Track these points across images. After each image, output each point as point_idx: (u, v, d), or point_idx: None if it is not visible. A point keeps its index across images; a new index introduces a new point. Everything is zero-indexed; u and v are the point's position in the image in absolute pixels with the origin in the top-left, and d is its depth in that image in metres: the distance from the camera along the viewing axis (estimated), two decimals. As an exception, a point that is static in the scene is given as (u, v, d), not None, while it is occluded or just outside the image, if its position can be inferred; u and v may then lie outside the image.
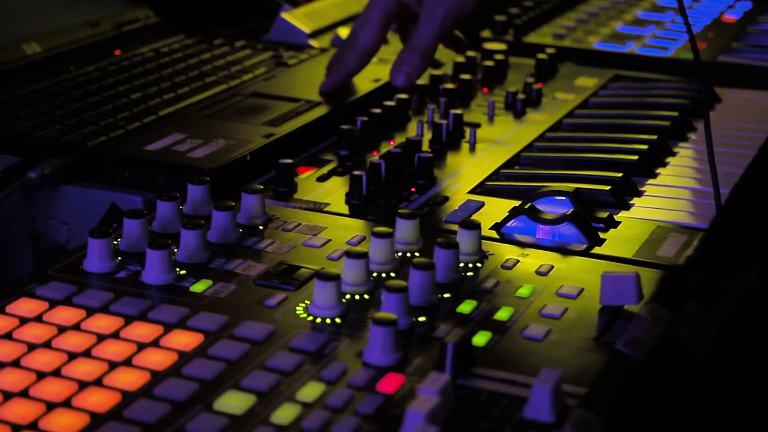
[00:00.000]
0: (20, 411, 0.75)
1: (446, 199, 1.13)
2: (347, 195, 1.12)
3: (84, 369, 0.80)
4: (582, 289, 0.94)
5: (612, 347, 0.86)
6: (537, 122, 1.37)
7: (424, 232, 1.01)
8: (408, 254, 0.99)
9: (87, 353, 0.82)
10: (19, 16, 1.45)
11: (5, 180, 1.13)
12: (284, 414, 0.75)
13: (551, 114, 1.40)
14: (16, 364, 0.80)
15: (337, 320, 0.87)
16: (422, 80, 1.45)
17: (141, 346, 0.83)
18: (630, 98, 1.47)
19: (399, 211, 1.02)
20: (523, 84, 1.48)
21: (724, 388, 1.07)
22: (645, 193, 1.16)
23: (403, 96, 1.36)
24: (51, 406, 0.75)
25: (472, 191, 1.16)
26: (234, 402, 0.76)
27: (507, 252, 1.01)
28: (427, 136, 1.30)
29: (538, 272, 0.97)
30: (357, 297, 0.91)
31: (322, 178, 1.17)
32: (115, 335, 0.84)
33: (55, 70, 1.39)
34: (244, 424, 0.74)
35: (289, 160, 1.15)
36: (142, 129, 1.22)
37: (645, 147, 1.26)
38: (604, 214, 1.08)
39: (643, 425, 0.84)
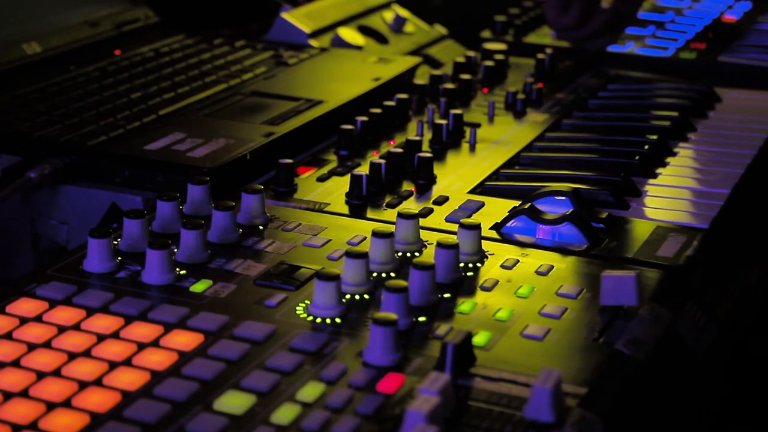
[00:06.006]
0: (20, 411, 0.74)
1: (446, 199, 1.13)
2: (347, 195, 1.12)
3: (84, 369, 0.80)
4: (582, 289, 0.94)
5: (612, 347, 0.86)
6: (537, 122, 1.37)
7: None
8: (408, 254, 0.99)
9: (87, 353, 0.82)
10: (19, 16, 1.45)
11: (5, 180, 1.13)
12: (284, 414, 0.75)
13: (551, 114, 1.40)
14: (16, 364, 0.80)
15: (337, 320, 0.87)
16: (422, 80, 1.45)
17: (141, 346, 0.83)
18: (630, 99, 1.47)
19: (399, 211, 1.02)
20: (523, 84, 1.48)
21: (723, 388, 1.07)
22: (645, 194, 1.16)
23: (403, 96, 1.36)
24: (51, 406, 0.75)
25: (472, 191, 1.16)
26: (234, 402, 0.76)
27: (507, 252, 1.01)
28: (427, 136, 1.30)
29: (538, 272, 0.97)
30: (357, 297, 0.91)
31: (322, 178, 1.17)
32: (115, 335, 0.84)
33: (55, 70, 1.39)
34: (244, 424, 0.74)
35: (290, 160, 1.15)
36: (142, 129, 1.22)
37: (645, 147, 1.26)
38: (604, 214, 1.08)
39: (643, 425, 0.84)
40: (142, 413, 0.75)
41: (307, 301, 0.90)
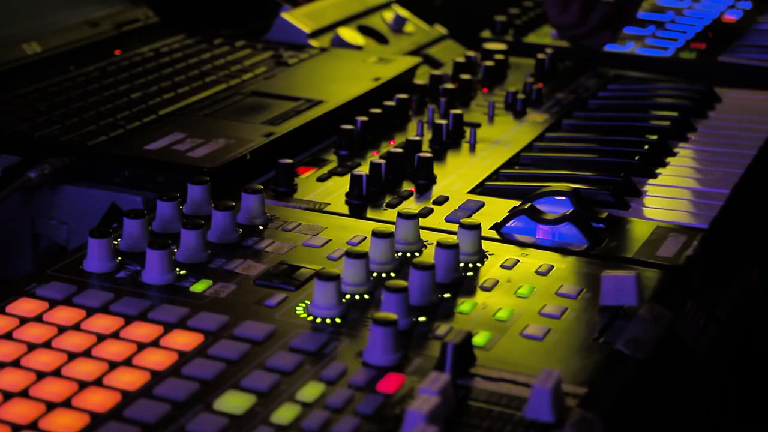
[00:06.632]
0: (20, 411, 0.75)
1: (446, 199, 1.13)
2: (347, 195, 1.12)
3: (84, 369, 0.80)
4: (582, 289, 0.94)
5: (612, 347, 0.86)
6: (537, 122, 1.37)
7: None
8: (408, 254, 0.99)
9: (87, 353, 0.82)
10: (19, 16, 1.45)
11: (5, 180, 1.13)
12: (284, 414, 0.75)
13: (551, 114, 1.40)
14: (16, 364, 0.80)
15: (337, 320, 0.87)
16: (422, 80, 1.45)
17: (141, 346, 0.83)
18: (630, 99, 1.47)
19: (399, 211, 1.02)
20: (523, 84, 1.48)
21: (723, 388, 1.07)
22: (645, 194, 1.16)
23: (403, 96, 1.36)
24: (51, 406, 0.75)
25: (472, 191, 1.16)
26: (234, 402, 0.76)
27: (507, 252, 1.01)
28: (427, 136, 1.30)
29: (538, 272, 0.97)
30: (357, 297, 0.91)
31: (322, 178, 1.17)
32: (115, 335, 0.84)
33: (55, 70, 1.39)
34: (244, 424, 0.74)
35: (290, 160, 1.15)
36: (142, 128, 1.22)
37: (645, 147, 1.26)
38: (604, 214, 1.08)
39: (643, 425, 0.84)
40: (142, 413, 0.75)
41: (307, 301, 0.90)
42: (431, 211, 1.10)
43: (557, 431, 0.75)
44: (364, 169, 1.15)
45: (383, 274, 0.95)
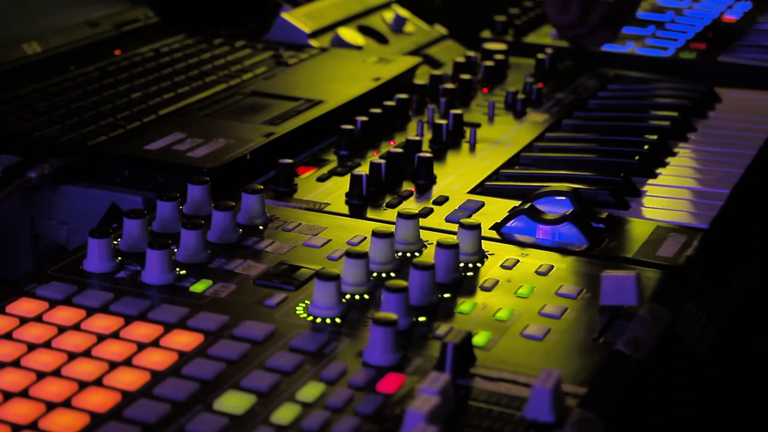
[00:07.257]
0: (20, 411, 0.75)
1: (446, 199, 1.13)
2: (347, 195, 1.12)
3: (84, 369, 0.80)
4: (582, 289, 0.94)
5: (612, 347, 0.86)
6: (537, 122, 1.37)
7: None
8: (408, 254, 0.99)
9: (87, 353, 0.82)
10: (19, 16, 1.45)
11: (5, 180, 1.13)
12: (284, 414, 0.75)
13: (551, 114, 1.40)
14: (16, 364, 0.80)
15: (337, 320, 0.87)
16: (422, 80, 1.45)
17: (141, 346, 0.83)
18: (629, 99, 1.47)
19: (399, 211, 1.02)
20: (523, 84, 1.48)
21: (723, 388, 1.07)
22: (645, 193, 1.16)
23: (403, 96, 1.36)
24: (51, 406, 0.75)
25: (472, 191, 1.16)
26: (234, 402, 0.76)
27: (507, 252, 1.01)
28: (427, 136, 1.30)
29: (538, 272, 0.97)
30: (357, 297, 0.91)
31: (322, 178, 1.17)
32: (115, 335, 0.84)
33: (55, 70, 1.39)
34: (244, 424, 0.74)
35: (290, 160, 1.15)
36: (142, 128, 1.22)
37: (645, 147, 1.26)
38: (604, 214, 1.08)
39: (643, 425, 0.84)
40: (142, 413, 0.75)
41: (307, 301, 0.90)
42: (431, 211, 1.10)
43: (557, 431, 0.75)
44: (364, 169, 1.15)
45: (383, 274, 0.95)
